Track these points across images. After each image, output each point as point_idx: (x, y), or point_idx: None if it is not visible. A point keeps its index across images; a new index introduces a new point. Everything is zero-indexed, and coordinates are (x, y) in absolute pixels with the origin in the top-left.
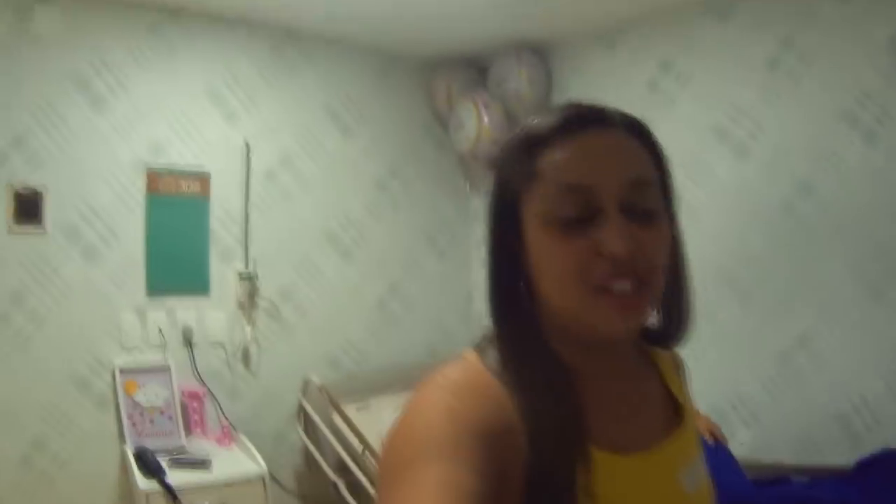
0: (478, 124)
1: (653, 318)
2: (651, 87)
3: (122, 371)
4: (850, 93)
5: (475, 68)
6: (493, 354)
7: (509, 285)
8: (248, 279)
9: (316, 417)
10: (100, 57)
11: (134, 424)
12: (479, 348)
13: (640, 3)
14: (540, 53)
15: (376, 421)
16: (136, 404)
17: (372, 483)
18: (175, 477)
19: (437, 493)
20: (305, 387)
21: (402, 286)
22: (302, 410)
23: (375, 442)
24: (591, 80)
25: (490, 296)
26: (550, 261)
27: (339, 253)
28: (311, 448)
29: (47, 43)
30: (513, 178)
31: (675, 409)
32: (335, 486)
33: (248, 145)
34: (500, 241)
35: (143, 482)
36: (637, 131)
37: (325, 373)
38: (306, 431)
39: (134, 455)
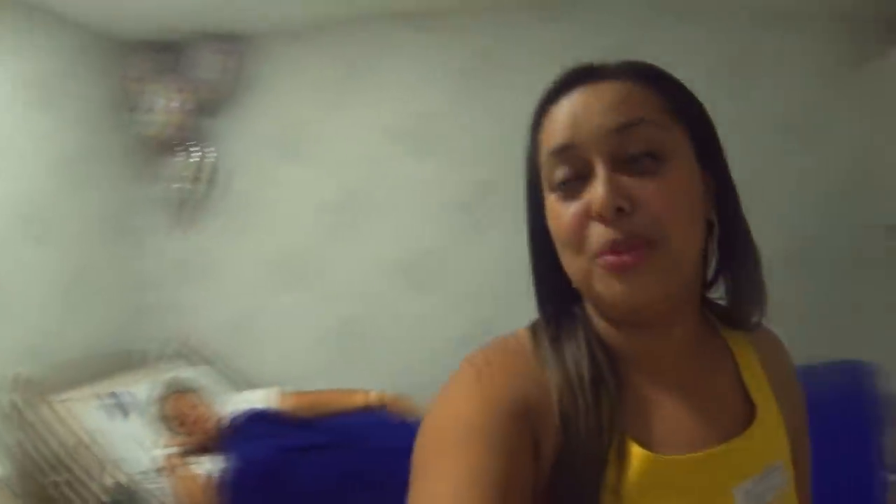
0: (166, 109)
1: (722, 294)
2: (338, 85)
3: None
4: None
5: (170, 53)
6: (543, 335)
7: (546, 266)
8: None
9: (27, 414)
10: None
11: None
12: (533, 326)
13: (335, 5)
14: (234, 43)
15: (82, 413)
16: None
17: (90, 478)
18: None
19: (466, 485)
20: (13, 381)
21: (89, 271)
22: (15, 407)
23: (87, 435)
24: (283, 74)
25: (532, 277)
26: (554, 233)
27: (29, 237)
28: (28, 446)
29: None
30: (531, 155)
31: (748, 410)
32: (55, 484)
33: None
34: (533, 221)
35: None
36: (642, 76)
37: (30, 365)
38: (22, 429)
39: None
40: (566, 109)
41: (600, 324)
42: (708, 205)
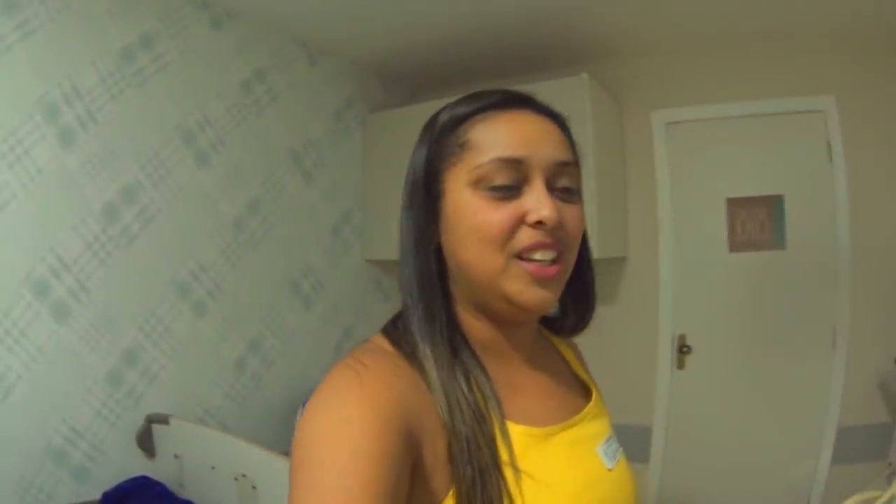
0: None
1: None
2: None
3: None
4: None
5: None
6: (405, 335)
7: (424, 261)
8: None
9: None
10: None
11: None
12: (388, 331)
13: None
14: None
15: None
16: None
17: None
18: None
19: (351, 476)
20: None
21: None
22: None
23: None
24: None
25: (405, 272)
26: (475, 227)
27: None
28: None
29: None
30: (438, 153)
31: (582, 391)
32: None
33: None
34: (417, 217)
35: None
36: (559, 122)
37: None
38: None
39: None
40: (517, 124)
41: (466, 318)
42: None
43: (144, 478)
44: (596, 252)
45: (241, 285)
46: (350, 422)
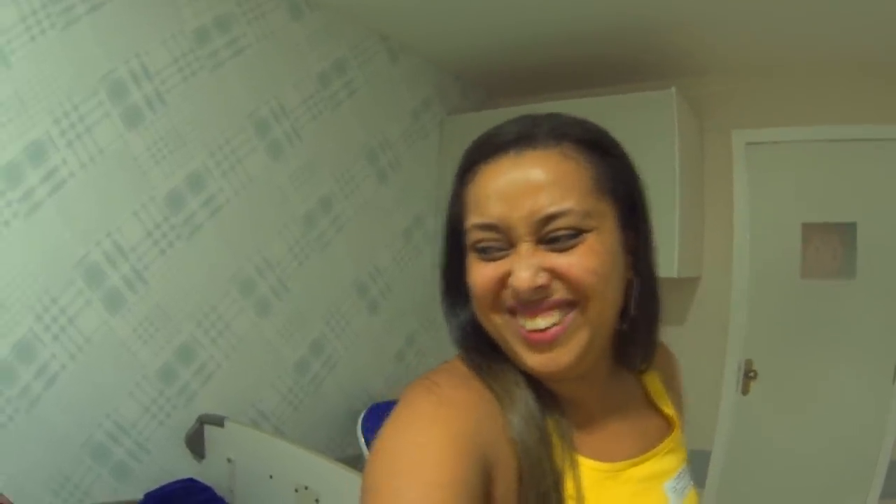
0: None
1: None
2: None
3: None
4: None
5: None
6: (481, 359)
7: (458, 307)
8: None
9: None
10: None
11: None
12: (467, 358)
13: None
14: None
15: None
16: None
17: None
18: None
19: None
20: None
21: None
22: None
23: None
24: None
25: (445, 316)
26: (470, 285)
27: None
28: None
29: None
30: (455, 205)
31: (662, 423)
32: None
33: None
34: (448, 265)
35: None
36: (575, 142)
37: None
38: None
39: None
40: (496, 185)
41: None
42: (628, 264)
43: (191, 480)
44: (676, 271)
45: (308, 284)
46: (424, 449)
